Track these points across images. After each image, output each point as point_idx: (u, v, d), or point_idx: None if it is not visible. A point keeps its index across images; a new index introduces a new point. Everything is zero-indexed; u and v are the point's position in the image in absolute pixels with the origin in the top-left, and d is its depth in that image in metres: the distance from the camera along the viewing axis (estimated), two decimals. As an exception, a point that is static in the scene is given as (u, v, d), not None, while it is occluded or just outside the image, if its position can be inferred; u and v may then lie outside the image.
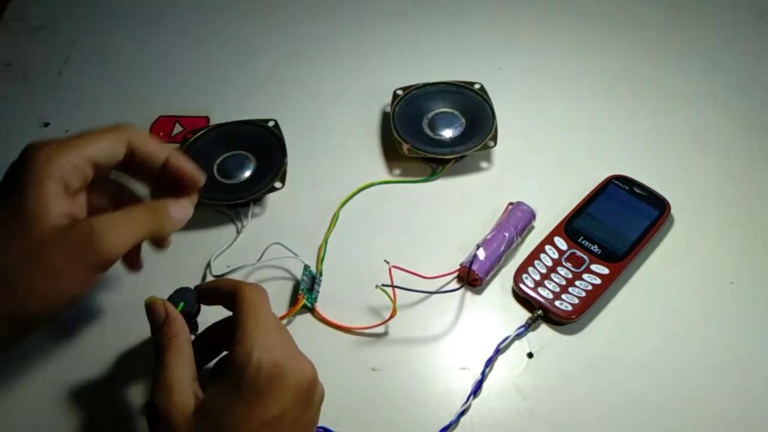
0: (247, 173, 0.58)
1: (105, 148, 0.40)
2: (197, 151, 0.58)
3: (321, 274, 0.54)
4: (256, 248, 0.54)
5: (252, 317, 0.39)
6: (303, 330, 0.50)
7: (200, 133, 0.59)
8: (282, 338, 0.40)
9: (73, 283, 0.37)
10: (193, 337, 0.44)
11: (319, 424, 0.42)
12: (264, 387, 0.36)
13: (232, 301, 0.40)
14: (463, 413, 0.46)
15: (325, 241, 0.55)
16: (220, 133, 0.60)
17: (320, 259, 0.54)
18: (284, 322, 0.51)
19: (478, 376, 0.48)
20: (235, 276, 0.53)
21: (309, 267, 0.53)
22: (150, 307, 0.42)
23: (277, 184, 0.56)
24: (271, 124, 0.60)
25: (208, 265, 0.54)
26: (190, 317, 0.43)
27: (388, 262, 0.50)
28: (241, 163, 0.58)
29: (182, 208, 0.43)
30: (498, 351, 0.49)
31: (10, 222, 0.37)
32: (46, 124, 0.64)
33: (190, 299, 0.43)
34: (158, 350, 0.40)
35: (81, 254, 0.37)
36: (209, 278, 0.53)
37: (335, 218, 0.57)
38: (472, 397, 0.47)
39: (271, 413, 0.36)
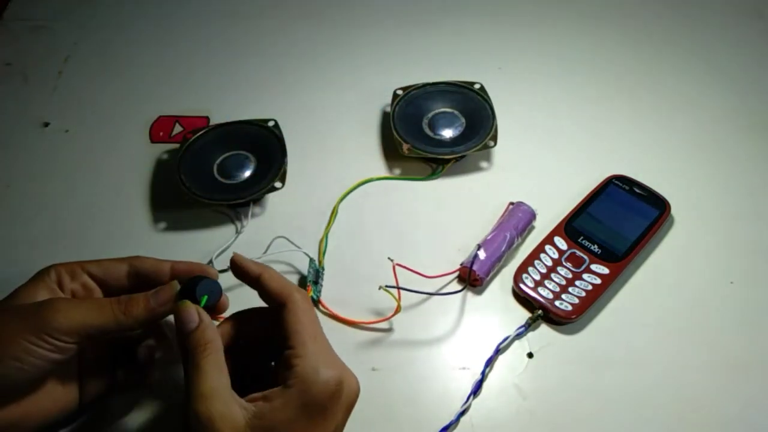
0: (247, 173, 0.58)
1: (103, 264, 0.43)
2: (197, 151, 0.58)
3: (323, 269, 0.54)
4: (257, 245, 0.54)
5: (309, 328, 0.39)
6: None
7: (200, 133, 0.59)
8: (331, 349, 0.40)
9: (26, 345, 0.37)
10: None
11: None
12: (327, 404, 0.37)
13: (280, 304, 0.40)
14: (463, 413, 0.46)
15: (326, 235, 0.56)
16: (220, 133, 0.60)
17: (322, 253, 0.55)
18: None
19: (478, 376, 0.48)
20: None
21: (314, 260, 0.53)
22: (182, 312, 0.39)
23: (277, 184, 0.56)
24: (271, 124, 0.60)
25: (210, 263, 0.54)
26: (209, 310, 0.41)
27: (392, 260, 0.50)
28: (241, 163, 0.58)
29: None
30: (498, 351, 0.49)
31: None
32: (46, 124, 0.64)
33: (215, 292, 0.41)
34: (192, 356, 0.37)
35: (34, 317, 0.38)
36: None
37: (334, 213, 0.57)
38: (472, 397, 0.47)
39: (329, 429, 0.37)
